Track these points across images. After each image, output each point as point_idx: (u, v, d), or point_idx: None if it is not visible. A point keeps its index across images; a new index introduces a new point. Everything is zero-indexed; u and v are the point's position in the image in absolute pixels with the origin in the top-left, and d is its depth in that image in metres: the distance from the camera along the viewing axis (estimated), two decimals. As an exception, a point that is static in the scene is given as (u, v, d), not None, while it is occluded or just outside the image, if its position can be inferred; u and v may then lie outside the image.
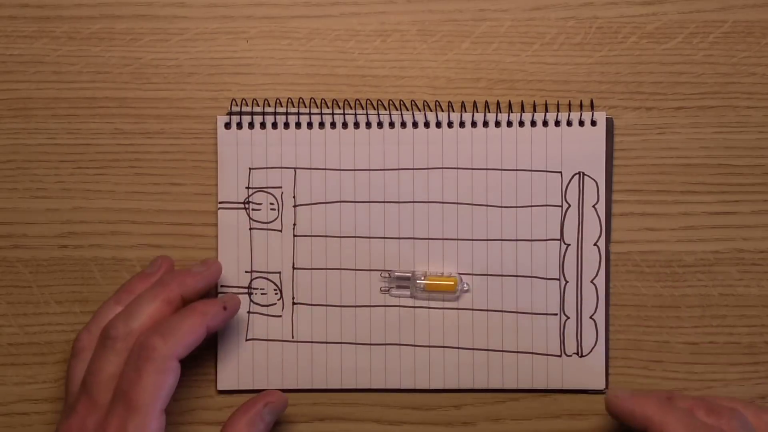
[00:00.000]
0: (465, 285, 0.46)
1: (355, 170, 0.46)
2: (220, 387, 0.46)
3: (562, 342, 0.46)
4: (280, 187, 0.46)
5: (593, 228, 0.46)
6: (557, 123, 0.46)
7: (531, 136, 0.46)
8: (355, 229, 0.46)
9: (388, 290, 0.46)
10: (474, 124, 0.46)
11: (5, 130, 0.47)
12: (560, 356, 0.46)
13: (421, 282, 0.46)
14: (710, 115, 0.46)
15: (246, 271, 0.46)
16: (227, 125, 0.46)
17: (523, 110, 0.46)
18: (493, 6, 0.46)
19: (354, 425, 0.46)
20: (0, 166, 0.47)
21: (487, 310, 0.46)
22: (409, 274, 0.46)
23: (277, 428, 0.46)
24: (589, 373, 0.46)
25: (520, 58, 0.47)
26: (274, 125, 0.46)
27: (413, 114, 0.46)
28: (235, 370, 0.46)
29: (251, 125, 0.46)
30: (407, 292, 0.46)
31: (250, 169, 0.46)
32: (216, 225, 0.47)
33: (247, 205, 0.46)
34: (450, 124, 0.46)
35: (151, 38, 0.47)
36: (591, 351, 0.46)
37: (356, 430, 0.46)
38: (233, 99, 0.47)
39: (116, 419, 0.38)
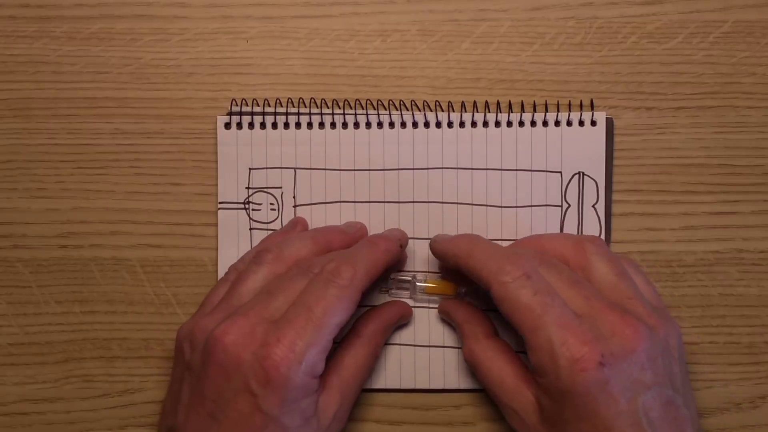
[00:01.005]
0: (463, 288, 0.45)
1: (355, 170, 0.46)
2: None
3: (562, 342, 0.46)
4: (280, 187, 0.46)
5: (593, 228, 0.46)
6: (557, 123, 0.46)
7: (531, 136, 0.46)
8: (355, 229, 0.46)
9: (388, 291, 0.46)
10: (474, 124, 0.46)
11: (5, 130, 0.47)
12: (560, 356, 0.46)
13: (421, 284, 0.46)
14: (710, 115, 0.46)
15: (246, 271, 0.46)
16: (227, 125, 0.46)
17: (523, 110, 0.46)
18: (493, 6, 0.46)
19: (354, 425, 0.46)
20: (0, 166, 0.47)
21: (487, 310, 0.46)
22: (410, 277, 0.46)
23: (277, 428, 0.46)
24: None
25: (520, 58, 0.47)
26: (274, 125, 0.46)
27: (413, 114, 0.46)
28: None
29: (251, 125, 0.46)
30: (407, 294, 0.46)
31: (250, 169, 0.46)
32: (216, 225, 0.47)
33: (247, 205, 0.46)
34: (450, 124, 0.46)
35: (151, 38, 0.47)
36: (591, 351, 0.46)
37: (356, 430, 0.46)
38: (233, 99, 0.47)
39: (293, 328, 0.38)
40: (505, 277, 0.39)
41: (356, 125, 0.46)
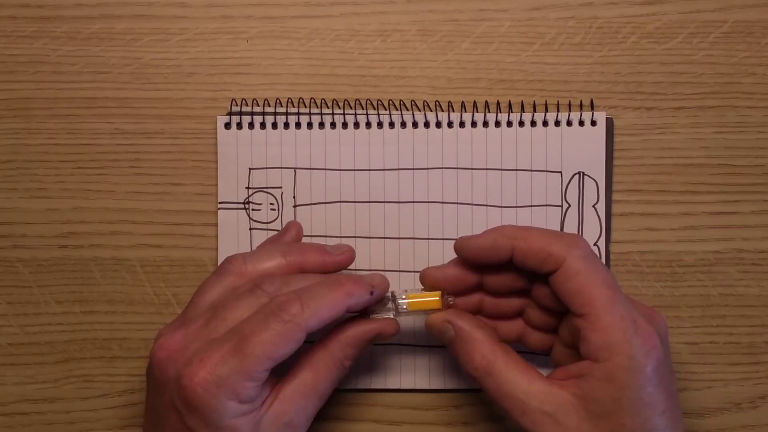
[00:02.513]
0: (450, 299, 0.42)
1: (355, 170, 0.46)
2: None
3: (562, 342, 0.46)
4: (280, 187, 0.46)
5: (593, 228, 0.46)
6: (557, 123, 0.46)
7: (531, 136, 0.46)
8: (355, 229, 0.46)
9: (368, 314, 0.42)
10: (474, 124, 0.46)
11: (5, 130, 0.47)
12: (560, 356, 0.46)
13: (404, 301, 0.42)
14: (710, 115, 0.46)
15: (246, 271, 0.46)
16: (227, 125, 0.46)
17: (523, 110, 0.46)
18: (493, 6, 0.47)
19: (354, 425, 0.46)
20: (0, 166, 0.47)
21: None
22: (389, 294, 0.42)
23: (277, 428, 0.46)
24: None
25: (520, 58, 0.47)
26: (274, 125, 0.46)
27: (413, 114, 0.46)
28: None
29: (251, 125, 0.46)
30: (390, 314, 0.42)
31: (250, 169, 0.46)
32: (216, 225, 0.47)
33: (247, 205, 0.46)
34: (450, 124, 0.46)
35: (151, 38, 0.47)
36: (591, 351, 0.46)
37: (356, 430, 0.46)
38: (233, 99, 0.47)
39: (220, 352, 0.37)
40: (579, 251, 0.38)
41: (356, 125, 0.46)
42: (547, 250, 0.39)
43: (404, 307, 0.42)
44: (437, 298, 0.42)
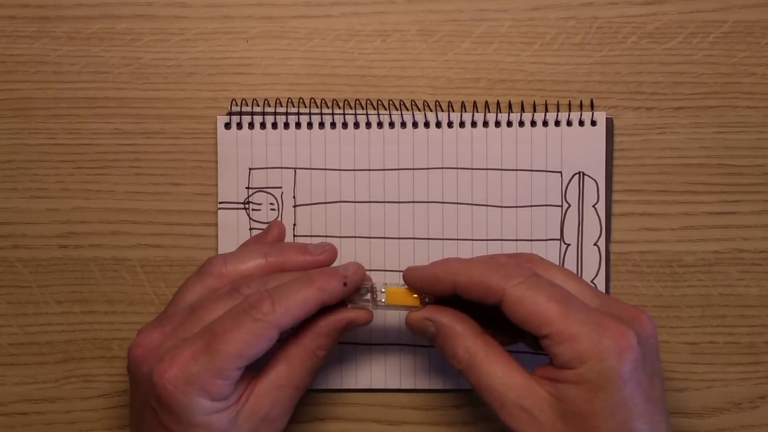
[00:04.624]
0: (428, 298, 0.41)
1: (355, 170, 0.46)
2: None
3: (562, 342, 0.46)
4: (280, 187, 0.46)
5: (593, 228, 0.46)
6: (557, 123, 0.46)
7: (531, 136, 0.46)
8: (355, 229, 0.46)
9: (347, 303, 0.41)
10: (474, 124, 0.46)
11: (5, 130, 0.47)
12: (560, 356, 0.46)
13: (383, 294, 0.42)
14: (710, 115, 0.46)
15: (246, 271, 0.46)
16: (227, 125, 0.46)
17: (523, 110, 0.46)
18: (493, 6, 0.47)
19: (354, 425, 0.46)
20: (0, 166, 0.47)
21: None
22: (368, 285, 0.42)
23: (277, 428, 0.46)
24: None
25: (520, 58, 0.47)
26: (274, 125, 0.46)
27: (413, 114, 0.46)
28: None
29: (251, 125, 0.46)
30: (368, 305, 0.42)
31: (250, 169, 0.46)
32: (216, 225, 0.47)
33: (247, 205, 0.46)
34: (450, 124, 0.46)
35: (151, 38, 0.47)
36: (591, 351, 0.46)
37: (356, 430, 0.46)
38: (233, 99, 0.47)
39: (191, 350, 0.38)
40: (517, 279, 0.38)
41: (356, 125, 0.46)
42: (486, 284, 0.38)
43: (382, 301, 0.41)
44: (416, 296, 0.41)
